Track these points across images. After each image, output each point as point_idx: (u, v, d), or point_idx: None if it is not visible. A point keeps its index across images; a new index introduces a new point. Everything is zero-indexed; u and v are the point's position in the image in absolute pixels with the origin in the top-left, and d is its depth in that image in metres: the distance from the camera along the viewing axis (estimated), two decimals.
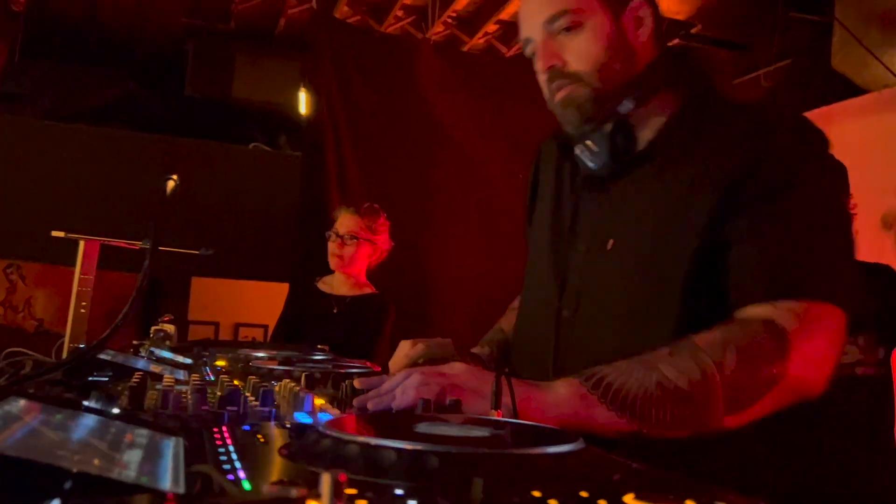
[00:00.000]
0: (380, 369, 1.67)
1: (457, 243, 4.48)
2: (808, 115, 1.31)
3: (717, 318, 1.13)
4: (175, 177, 1.07)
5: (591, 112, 1.31)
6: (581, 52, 1.30)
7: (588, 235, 1.36)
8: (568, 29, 1.30)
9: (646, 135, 1.33)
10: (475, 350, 1.63)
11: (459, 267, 4.45)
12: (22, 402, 0.71)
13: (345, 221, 3.29)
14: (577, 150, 1.35)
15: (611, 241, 1.31)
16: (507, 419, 0.86)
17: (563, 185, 1.47)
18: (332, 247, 3.29)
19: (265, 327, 5.77)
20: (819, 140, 1.25)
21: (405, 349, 1.48)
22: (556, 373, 1.26)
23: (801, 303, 1.11)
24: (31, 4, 4.10)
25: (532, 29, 1.34)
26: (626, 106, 1.30)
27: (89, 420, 0.73)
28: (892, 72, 4.03)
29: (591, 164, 1.34)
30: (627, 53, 1.31)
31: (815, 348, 1.10)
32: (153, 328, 2.06)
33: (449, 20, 5.81)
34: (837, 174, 1.25)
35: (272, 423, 0.90)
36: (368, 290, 3.33)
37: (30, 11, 4.01)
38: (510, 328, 1.64)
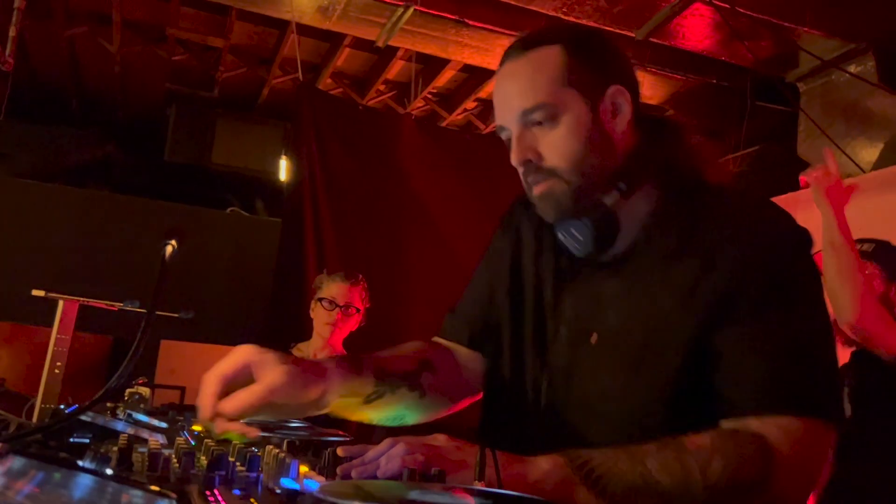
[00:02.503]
0: (351, 438, 1.67)
1: (429, 313, 4.49)
2: (776, 199, 1.31)
3: (703, 426, 1.11)
4: (174, 242, 1.09)
5: (570, 208, 1.25)
6: (557, 148, 1.23)
7: (570, 322, 1.31)
8: (543, 122, 1.24)
9: (631, 228, 1.27)
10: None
11: (431, 337, 4.45)
12: (21, 460, 0.72)
13: (343, 292, 3.25)
14: (560, 235, 1.29)
15: (594, 335, 1.26)
16: (494, 490, 0.88)
17: (545, 263, 1.39)
18: (327, 316, 3.24)
19: None
20: (808, 244, 1.22)
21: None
22: (537, 447, 1.17)
23: (791, 419, 1.08)
24: (19, 65, 4.16)
25: (507, 118, 1.28)
26: (611, 198, 1.24)
27: (86, 479, 0.74)
28: (854, 162, 4.20)
29: (575, 252, 1.28)
30: (606, 145, 1.25)
31: (801, 465, 1.09)
32: (128, 391, 2.04)
33: (429, 96, 5.97)
34: (820, 278, 1.22)
35: (259, 490, 0.91)
36: None
37: (17, 72, 4.06)
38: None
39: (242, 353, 1.15)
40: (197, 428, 1.63)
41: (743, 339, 1.13)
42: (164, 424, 1.61)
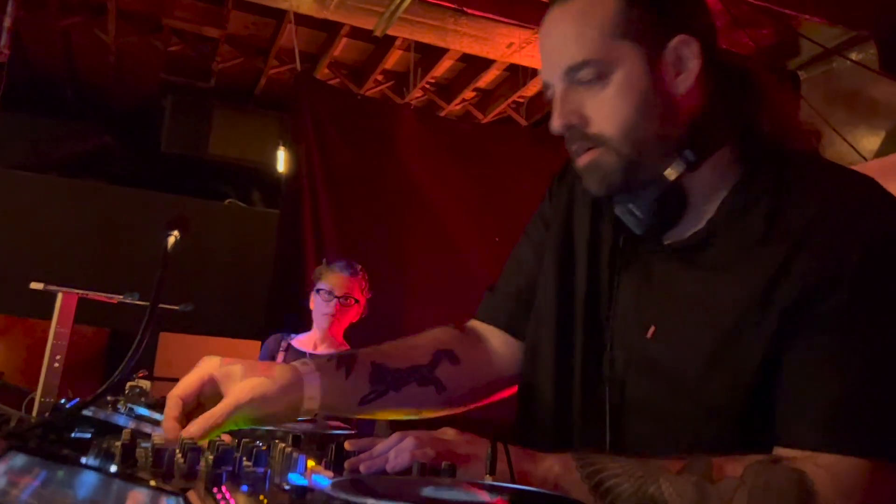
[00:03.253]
0: (355, 431, 1.65)
1: (429, 304, 4.49)
2: None
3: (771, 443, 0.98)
4: (176, 232, 1.06)
5: (620, 182, 1.08)
6: (606, 112, 1.06)
7: (627, 312, 1.14)
8: (591, 81, 1.06)
9: (703, 206, 1.09)
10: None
11: (431, 328, 4.44)
12: (22, 458, 0.70)
13: (341, 282, 3.25)
14: (618, 211, 1.13)
15: (652, 329, 1.10)
16: (511, 484, 0.86)
17: (602, 239, 1.22)
18: (325, 307, 3.24)
19: None
20: None
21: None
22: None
23: (847, 459, 0.92)
24: (14, 56, 4.12)
25: (551, 75, 1.11)
26: (675, 170, 1.07)
27: (90, 477, 0.72)
28: (857, 150, 4.18)
29: (634, 229, 1.12)
30: (666, 109, 1.06)
31: None
32: (129, 384, 2.02)
33: (427, 86, 5.93)
34: None
35: (266, 486, 0.89)
36: (345, 349, 3.30)
37: (12, 63, 4.03)
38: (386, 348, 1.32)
39: (205, 368, 1.12)
40: None
41: (814, 352, 0.96)
42: None
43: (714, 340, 1.02)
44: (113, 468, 0.81)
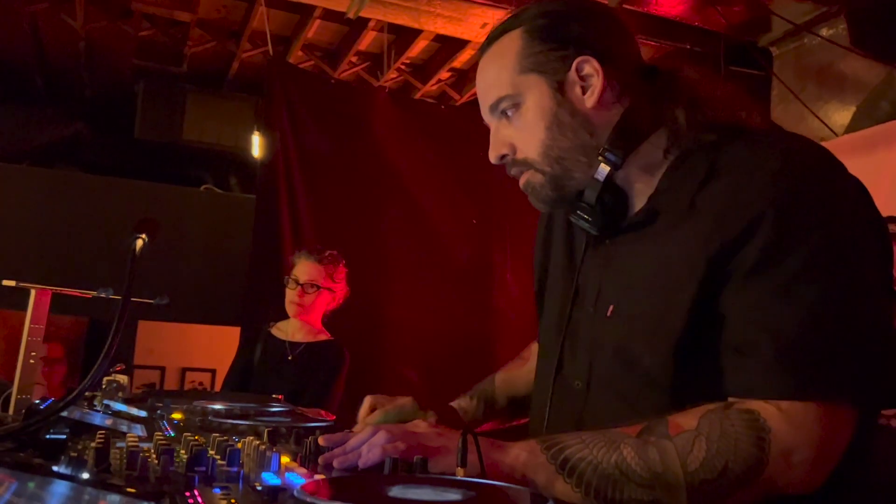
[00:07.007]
0: (335, 418, 1.67)
1: (408, 288, 4.50)
2: None
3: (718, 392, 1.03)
4: (144, 236, 1.07)
5: (554, 197, 1.22)
6: (524, 138, 1.20)
7: (592, 299, 1.24)
8: (510, 113, 1.21)
9: (644, 192, 1.19)
10: (457, 402, 1.57)
11: (410, 311, 4.47)
12: None
13: (306, 269, 3.26)
14: (573, 220, 1.24)
15: (610, 307, 1.19)
16: (479, 480, 0.88)
17: (575, 245, 1.35)
18: (291, 294, 3.26)
19: (212, 372, 5.68)
20: (847, 181, 1.07)
21: (365, 411, 1.45)
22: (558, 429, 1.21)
23: (796, 403, 0.96)
24: None
25: (483, 113, 1.27)
26: (602, 172, 1.17)
27: (62, 487, 0.73)
28: (827, 126, 4.22)
29: (591, 232, 1.24)
30: (578, 124, 1.18)
31: (806, 451, 0.96)
32: (105, 378, 2.02)
33: (402, 67, 5.90)
34: (870, 229, 1.06)
35: (240, 486, 0.90)
36: (324, 336, 3.31)
37: None
38: (506, 377, 1.59)
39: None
40: (177, 416, 1.62)
41: (746, 300, 1.01)
42: (143, 413, 1.59)
43: (652, 309, 1.10)
44: (85, 475, 0.82)
